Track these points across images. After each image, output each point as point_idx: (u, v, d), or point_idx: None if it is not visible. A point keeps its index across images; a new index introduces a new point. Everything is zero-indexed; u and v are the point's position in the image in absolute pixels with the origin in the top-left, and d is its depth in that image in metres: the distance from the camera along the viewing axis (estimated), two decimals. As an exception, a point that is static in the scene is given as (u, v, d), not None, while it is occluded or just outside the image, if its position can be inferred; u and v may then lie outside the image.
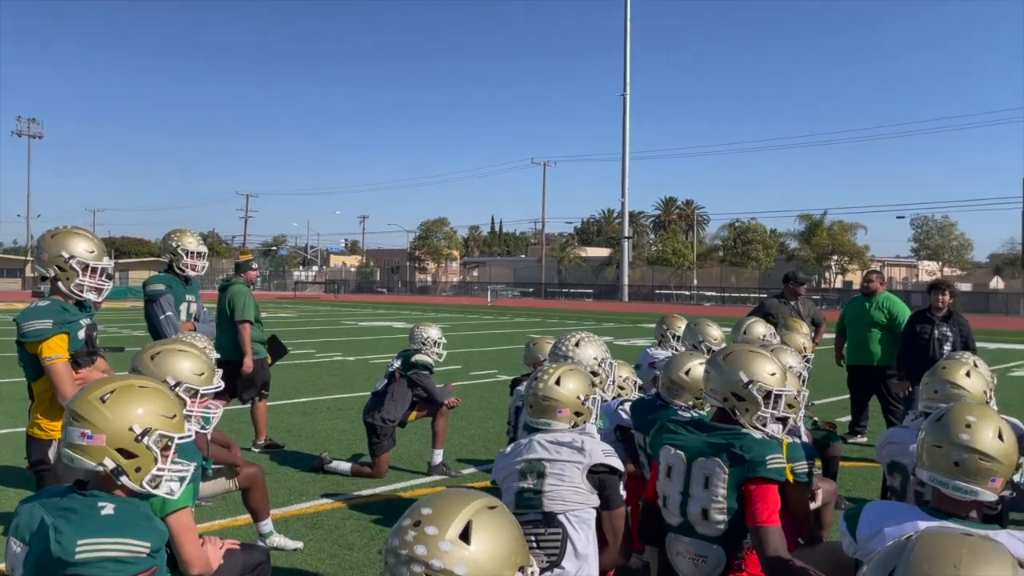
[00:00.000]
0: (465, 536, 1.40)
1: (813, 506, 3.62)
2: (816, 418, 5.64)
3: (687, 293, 60.09)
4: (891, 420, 7.79)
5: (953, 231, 78.12)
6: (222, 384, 3.33)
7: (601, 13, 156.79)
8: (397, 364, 6.84)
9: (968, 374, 3.32)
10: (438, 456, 6.60)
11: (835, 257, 63.23)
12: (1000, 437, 2.17)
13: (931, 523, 2.12)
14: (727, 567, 2.87)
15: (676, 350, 5.50)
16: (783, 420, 3.01)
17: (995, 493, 2.15)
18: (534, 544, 2.83)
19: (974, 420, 2.18)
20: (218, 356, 4.52)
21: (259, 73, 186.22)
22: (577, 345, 3.99)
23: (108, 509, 2.16)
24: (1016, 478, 3.31)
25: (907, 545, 1.20)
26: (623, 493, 3.88)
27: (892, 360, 7.93)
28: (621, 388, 4.55)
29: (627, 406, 4.19)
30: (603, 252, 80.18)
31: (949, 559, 1.14)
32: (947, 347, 7.01)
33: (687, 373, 3.79)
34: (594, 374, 3.90)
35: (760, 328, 5.36)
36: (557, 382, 3.05)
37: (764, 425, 2.95)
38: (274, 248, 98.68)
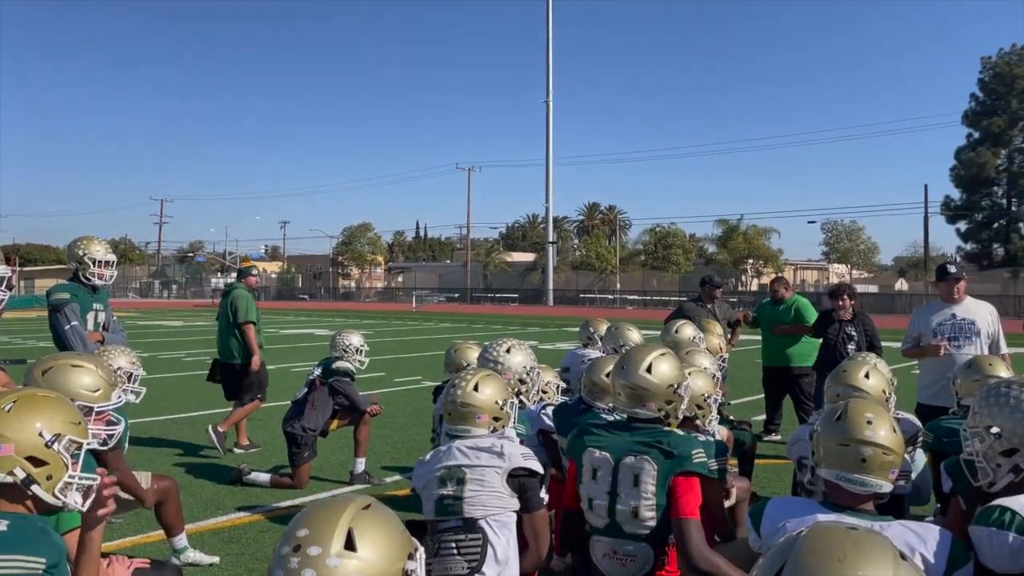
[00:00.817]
0: (350, 544, 1.35)
1: (728, 504, 3.74)
2: (732, 417, 5.81)
3: (610, 297, 60.97)
4: (803, 418, 8.08)
5: (861, 235, 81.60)
6: (122, 399, 3.19)
7: (524, 20, 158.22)
8: (318, 372, 6.74)
9: (867, 375, 3.46)
10: (360, 465, 6.52)
11: (751, 261, 65.16)
12: (894, 431, 2.29)
13: (830, 516, 2.22)
14: (654, 565, 2.93)
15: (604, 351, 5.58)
16: (689, 420, 3.11)
17: (891, 484, 2.26)
18: (455, 550, 2.83)
19: (873, 417, 2.28)
20: (142, 373, 4.38)
21: (173, 75, 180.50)
22: (508, 351, 4.00)
23: (1, 526, 2.07)
24: (913, 474, 3.49)
25: (796, 541, 1.25)
26: (545, 496, 3.90)
27: (805, 362, 8.23)
28: (544, 392, 4.59)
29: (550, 410, 4.22)
30: (528, 257, 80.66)
31: (834, 553, 1.19)
32: (851, 347, 7.33)
33: (608, 376, 3.85)
34: (521, 381, 3.92)
35: (689, 331, 5.49)
36: (475, 388, 3.05)
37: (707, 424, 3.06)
38: (190, 255, 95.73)
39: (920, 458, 3.70)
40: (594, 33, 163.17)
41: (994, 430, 2.22)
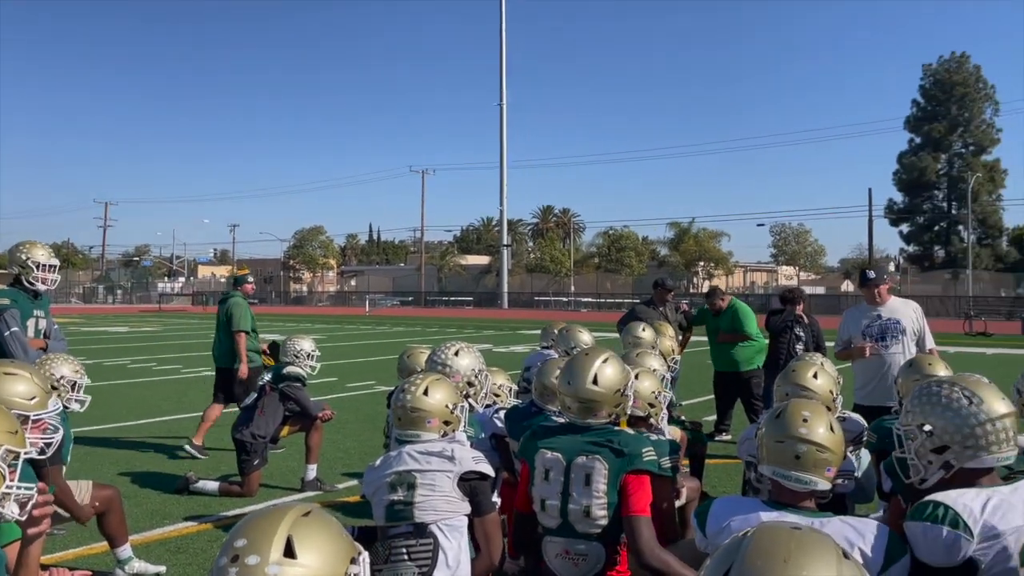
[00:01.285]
0: (290, 552, 1.33)
1: (678, 503, 3.78)
2: (684, 417, 5.88)
3: (565, 299, 61.28)
4: (753, 419, 8.22)
5: (808, 238, 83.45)
6: (58, 407, 3.10)
7: (478, 22, 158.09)
8: (268, 377, 6.65)
9: (815, 375, 3.54)
10: (312, 471, 6.44)
11: (702, 263, 66.12)
12: (831, 429, 2.34)
13: (772, 514, 2.26)
14: (606, 564, 2.95)
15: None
16: (642, 419, 3.15)
17: (829, 482, 2.31)
18: (405, 556, 2.81)
19: (809, 415, 2.34)
20: (86, 381, 4.27)
21: (117, 75, 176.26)
22: (457, 355, 3.98)
23: None
24: (858, 473, 3.58)
25: (743, 542, 1.27)
26: (497, 499, 3.89)
27: (752, 364, 8.40)
28: (496, 396, 4.59)
29: (502, 414, 4.23)
30: (483, 260, 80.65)
31: (779, 554, 1.22)
32: (799, 347, 7.50)
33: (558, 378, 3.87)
34: (470, 384, 3.91)
35: (649, 335, 5.55)
36: (425, 392, 3.04)
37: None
38: (136, 259, 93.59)
39: (865, 457, 3.79)
40: (548, 36, 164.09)
41: (927, 428, 2.27)
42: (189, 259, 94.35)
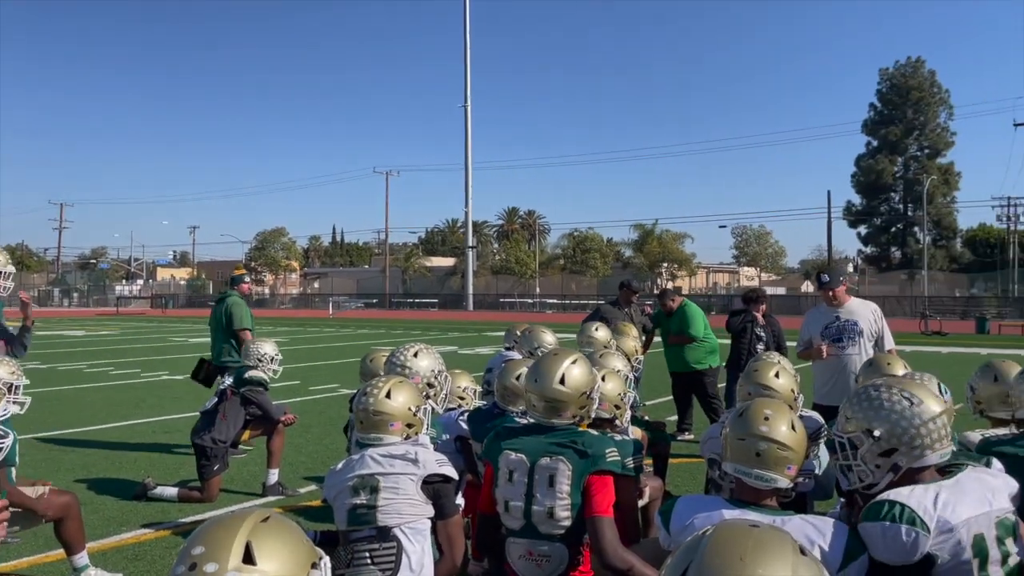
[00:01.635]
0: (249, 559, 1.31)
1: (641, 503, 3.80)
2: (648, 417, 5.92)
3: (530, 301, 61.37)
4: (712, 417, 8.30)
5: (769, 240, 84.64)
6: (8, 412, 3.03)
7: (443, 24, 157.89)
8: (229, 381, 6.56)
9: (777, 375, 3.59)
10: (273, 476, 6.36)
11: (665, 264, 66.68)
12: (792, 428, 2.38)
13: (734, 512, 2.28)
14: (569, 564, 2.95)
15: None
16: (608, 420, 3.16)
17: (790, 480, 2.34)
18: (368, 560, 2.78)
19: (771, 414, 2.37)
20: (24, 382, 4.18)
21: (73, 73, 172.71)
22: (416, 356, 3.95)
23: None
24: (817, 471, 3.63)
25: (701, 540, 1.28)
26: (461, 502, 3.87)
27: (704, 364, 8.50)
28: (461, 399, 4.57)
29: (466, 415, 4.21)
30: (448, 262, 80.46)
31: (736, 552, 1.23)
32: (760, 347, 7.60)
33: (519, 379, 3.87)
34: (430, 385, 3.89)
35: (603, 334, 5.55)
36: (387, 395, 3.01)
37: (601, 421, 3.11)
38: (93, 261, 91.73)
39: (824, 454, 3.84)
40: (513, 39, 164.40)
41: (877, 433, 2.29)
42: (148, 261, 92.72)
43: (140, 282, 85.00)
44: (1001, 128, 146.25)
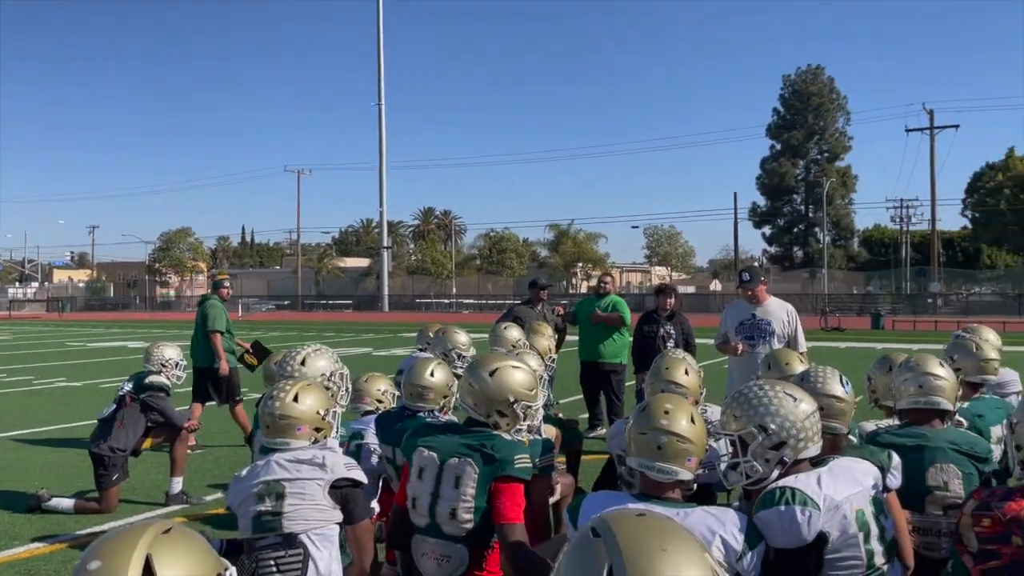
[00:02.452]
0: (149, 572, 1.26)
1: (553, 500, 3.83)
2: (561, 415, 5.97)
3: (447, 301, 61.20)
4: (612, 417, 8.38)
5: (679, 240, 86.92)
6: None
7: (357, 18, 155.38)
8: (128, 387, 6.29)
9: (687, 372, 3.68)
10: (177, 484, 6.14)
11: (580, 264, 67.62)
12: (692, 421, 2.44)
13: (639, 507, 2.32)
14: (469, 566, 2.93)
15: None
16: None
17: (692, 472, 2.40)
18: (273, 568, 2.71)
19: (671, 408, 2.45)
20: None
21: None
22: (303, 363, 3.83)
23: None
24: (722, 467, 3.73)
25: (585, 534, 1.29)
26: (376, 506, 3.81)
27: (616, 358, 8.62)
28: (380, 402, 4.49)
29: (375, 419, 4.14)
30: (362, 262, 79.48)
31: (655, 544, 1.23)
32: (670, 344, 7.77)
33: (432, 375, 3.85)
34: (325, 388, 3.81)
35: (515, 333, 5.55)
36: (295, 399, 2.94)
37: (518, 433, 3.07)
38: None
39: (723, 446, 3.95)
40: (429, 37, 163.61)
41: (771, 427, 2.41)
42: (43, 263, 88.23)
43: (35, 284, 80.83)
44: (894, 133, 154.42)
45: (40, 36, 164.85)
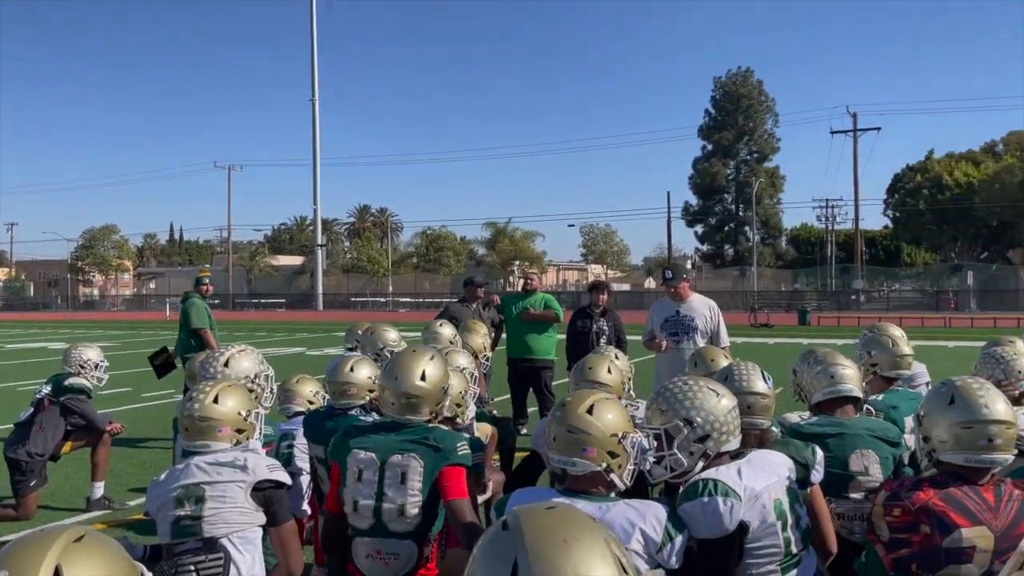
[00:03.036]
0: None
1: (485, 497, 3.83)
2: (496, 412, 5.97)
3: (383, 299, 60.67)
4: (544, 413, 8.44)
5: (614, 238, 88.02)
6: None
7: (290, 13, 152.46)
8: (47, 390, 6.04)
9: (610, 370, 3.73)
10: (99, 489, 5.95)
11: (517, 262, 67.84)
12: (589, 412, 2.42)
13: (563, 502, 2.33)
14: (417, 562, 2.94)
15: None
16: (450, 419, 3.16)
17: (594, 463, 2.37)
18: (193, 573, 2.64)
19: (591, 403, 2.46)
20: None
21: None
22: (227, 364, 3.75)
23: None
24: (638, 463, 3.78)
25: (497, 528, 1.30)
26: (307, 509, 3.74)
27: (547, 355, 8.67)
28: (311, 403, 4.41)
29: (304, 418, 4.07)
30: (296, 260, 78.19)
31: (559, 536, 1.23)
32: (603, 340, 7.86)
33: (352, 371, 3.82)
34: (250, 390, 3.74)
35: (448, 331, 5.53)
36: (215, 400, 2.87)
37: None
38: None
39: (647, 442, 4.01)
40: (364, 32, 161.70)
41: (697, 420, 2.46)
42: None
43: (-52, 285, 77.02)
44: (820, 135, 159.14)
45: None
